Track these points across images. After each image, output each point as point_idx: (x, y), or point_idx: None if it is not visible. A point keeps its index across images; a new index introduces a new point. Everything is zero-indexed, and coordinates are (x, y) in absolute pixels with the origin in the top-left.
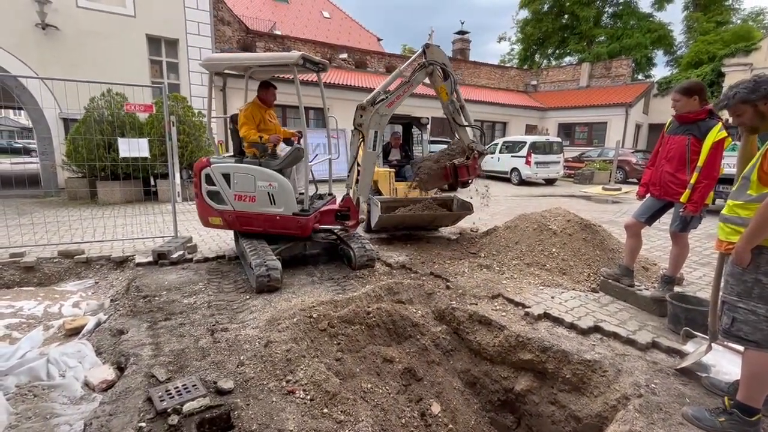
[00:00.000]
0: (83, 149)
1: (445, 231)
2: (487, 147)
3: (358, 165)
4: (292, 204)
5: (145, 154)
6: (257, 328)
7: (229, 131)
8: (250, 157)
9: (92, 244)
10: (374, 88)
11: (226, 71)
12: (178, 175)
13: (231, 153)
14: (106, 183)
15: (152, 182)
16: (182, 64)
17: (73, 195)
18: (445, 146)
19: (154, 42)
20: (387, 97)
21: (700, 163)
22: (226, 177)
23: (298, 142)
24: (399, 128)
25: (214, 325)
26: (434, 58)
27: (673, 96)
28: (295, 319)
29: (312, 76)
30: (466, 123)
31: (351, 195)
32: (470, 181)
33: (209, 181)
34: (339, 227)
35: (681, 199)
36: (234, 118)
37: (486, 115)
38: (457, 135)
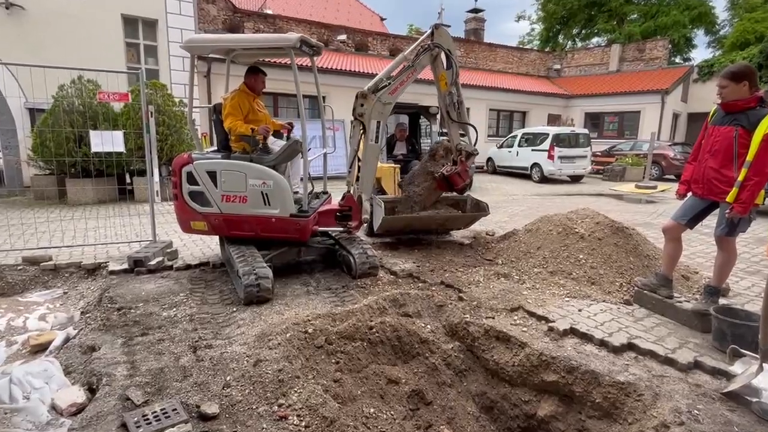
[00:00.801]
0: (51, 143)
1: (457, 235)
2: (476, 147)
3: (359, 160)
4: (290, 204)
5: (120, 148)
6: (245, 344)
7: (212, 122)
8: (238, 152)
9: (61, 250)
10: (376, 74)
11: (210, 55)
12: (156, 172)
13: (214, 147)
14: (76, 181)
15: (128, 180)
16: (161, 47)
17: (39, 194)
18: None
19: (130, 23)
20: (390, 84)
21: (749, 158)
22: (212, 175)
23: (288, 135)
24: (405, 119)
25: (196, 342)
26: (441, 41)
27: (719, 81)
28: (288, 335)
29: (304, 60)
30: (459, 120)
31: (352, 193)
32: (467, 185)
33: (191, 180)
34: (341, 229)
35: (727, 199)
36: (218, 108)
37: (503, 103)
38: (445, 131)
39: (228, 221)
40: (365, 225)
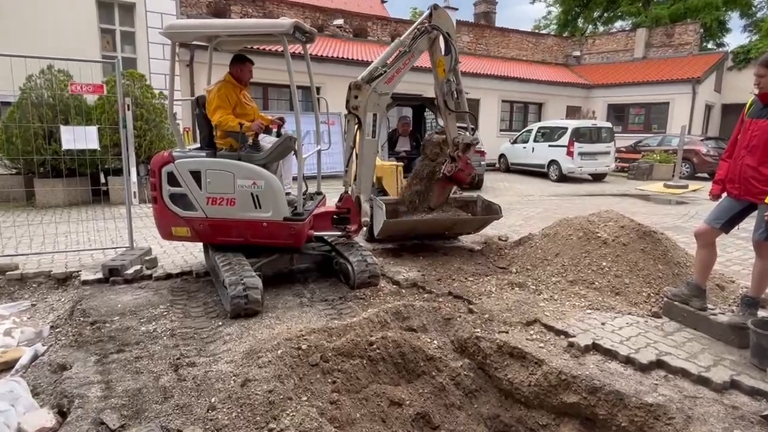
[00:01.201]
0: (18, 140)
1: (467, 240)
2: (476, 136)
3: (356, 157)
4: (283, 207)
5: (94, 145)
6: (232, 362)
7: (195, 117)
8: (225, 149)
9: (28, 258)
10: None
11: (194, 42)
12: (134, 171)
13: (197, 144)
14: (45, 181)
15: (103, 180)
16: (140, 33)
17: (5, 196)
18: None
19: (105, 7)
20: (385, 72)
21: None
22: (196, 175)
23: (279, 131)
24: (408, 112)
25: (178, 359)
26: (440, 23)
27: (756, 70)
28: (279, 352)
29: (296, 48)
30: (457, 110)
31: (350, 194)
32: (475, 177)
33: (172, 180)
34: (338, 234)
35: (766, 200)
36: (201, 101)
37: (516, 94)
38: (441, 123)
39: (214, 226)
40: (365, 229)
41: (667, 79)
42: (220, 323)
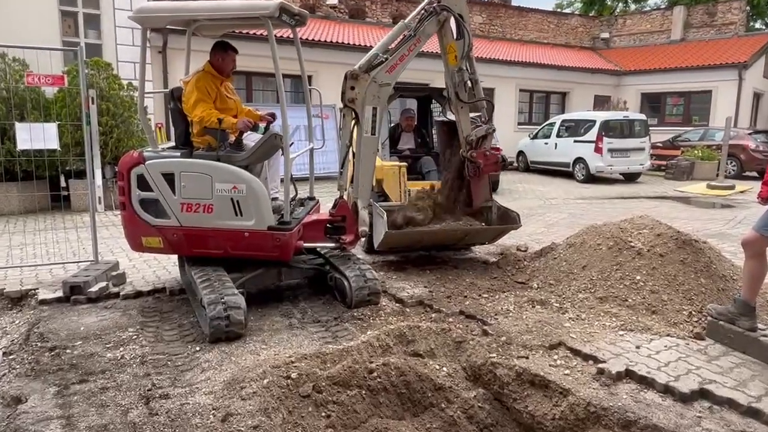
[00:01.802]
0: None
1: (481, 251)
2: (492, 125)
3: (353, 156)
4: (267, 214)
5: (54, 144)
6: (211, 393)
7: (169, 111)
8: (203, 148)
9: None
10: (373, 47)
11: (167, 26)
12: (99, 174)
13: (172, 143)
14: None
15: (63, 184)
16: (106, 16)
17: None
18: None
19: None
20: (387, 59)
21: None
22: (169, 178)
23: (267, 128)
24: (413, 104)
25: (149, 390)
26: (450, 3)
27: None
28: (265, 381)
29: (285, 32)
30: (470, 101)
31: (346, 198)
32: (506, 161)
33: (143, 184)
34: (332, 245)
35: None
36: (177, 94)
37: (536, 82)
38: (449, 118)
39: (189, 237)
40: (363, 240)
41: (709, 64)
42: (198, 348)
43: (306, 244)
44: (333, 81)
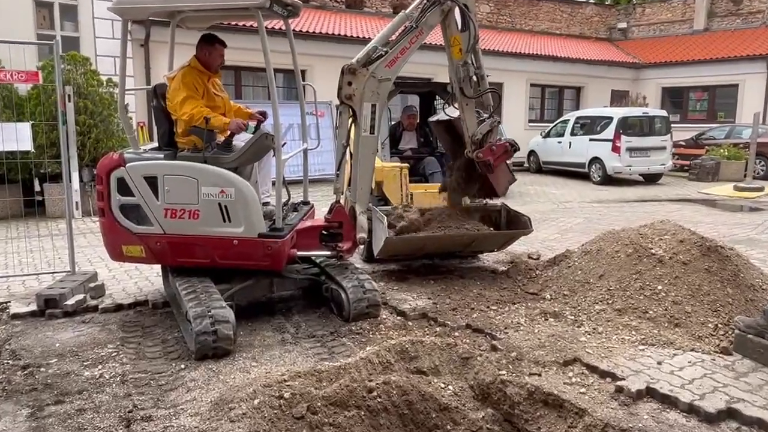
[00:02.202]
0: None
1: (489, 259)
2: (496, 118)
3: (351, 157)
4: (258, 220)
5: (27, 146)
6: (198, 415)
7: (152, 110)
8: (188, 149)
9: None
10: (372, 39)
11: (150, 18)
12: (76, 177)
13: (155, 144)
14: None
15: (37, 188)
16: (83, 7)
17: None
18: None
19: None
20: (387, 53)
21: None
22: (152, 182)
23: (257, 127)
24: (415, 100)
25: (130, 412)
26: None
27: None
28: (256, 401)
29: (276, 23)
30: (476, 95)
31: (342, 203)
32: (515, 146)
33: (123, 188)
34: (328, 253)
35: None
36: (160, 90)
37: (548, 77)
38: (452, 115)
39: (174, 245)
40: (361, 247)
41: (735, 56)
42: (183, 366)
43: (300, 253)
44: (329, 76)
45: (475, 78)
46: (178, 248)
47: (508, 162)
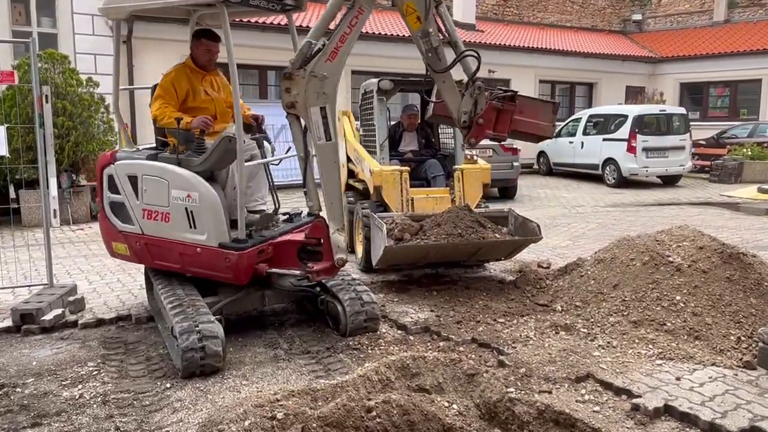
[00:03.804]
0: None
1: (496, 268)
2: (478, 83)
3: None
4: (219, 228)
5: (2, 150)
6: None
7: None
8: (169, 150)
9: None
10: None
11: (155, 16)
12: (54, 183)
13: (152, 144)
14: None
15: (12, 195)
16: (61, 2)
17: None
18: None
19: None
20: (325, 45)
21: None
22: (134, 181)
23: (260, 129)
24: (416, 99)
25: None
26: None
27: None
28: (246, 423)
29: (277, 18)
30: (445, 68)
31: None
32: (505, 96)
33: (112, 186)
34: (297, 273)
35: None
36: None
37: (559, 72)
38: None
39: (150, 246)
40: (358, 256)
41: (758, 49)
42: (169, 385)
43: (269, 269)
44: None
45: (439, 49)
46: (154, 250)
47: (515, 105)
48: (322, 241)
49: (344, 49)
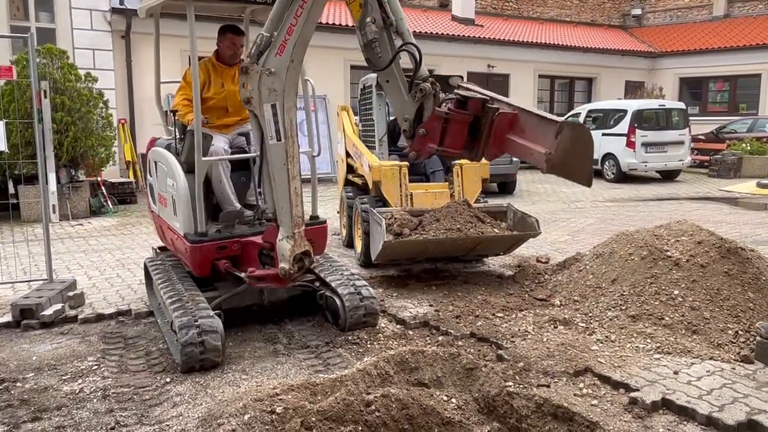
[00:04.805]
0: None
1: (495, 263)
2: (428, 85)
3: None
4: (187, 219)
5: (1, 146)
6: None
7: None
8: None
9: None
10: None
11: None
12: (53, 178)
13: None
14: None
15: (11, 190)
16: None
17: None
18: None
19: None
20: (274, 38)
21: None
22: (157, 165)
23: None
24: None
25: (113, 429)
26: None
27: None
28: (246, 417)
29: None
30: (383, 65)
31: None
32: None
33: (150, 168)
34: (242, 275)
35: None
36: None
37: (558, 67)
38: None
39: (161, 228)
40: (358, 251)
41: (758, 44)
42: (168, 380)
43: (228, 267)
44: (319, 67)
45: (384, 41)
46: (163, 232)
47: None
48: (272, 246)
49: (292, 42)
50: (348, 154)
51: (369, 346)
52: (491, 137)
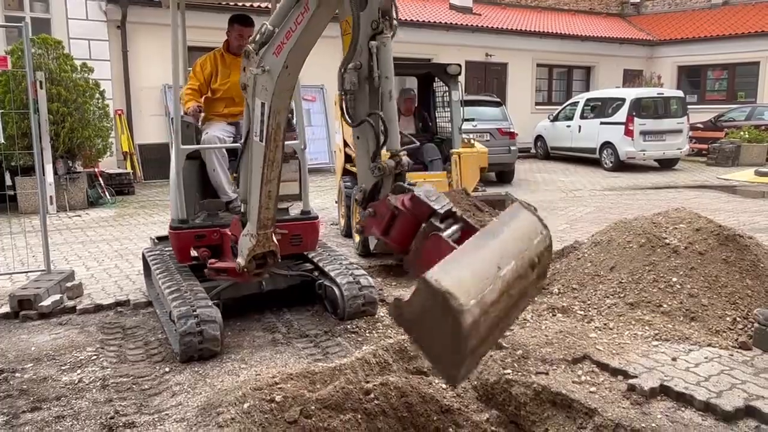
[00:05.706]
0: None
1: None
2: (389, 163)
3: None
4: (174, 205)
5: None
6: (183, 421)
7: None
8: None
9: None
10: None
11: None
12: (50, 170)
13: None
14: None
15: (8, 182)
16: None
17: None
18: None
19: None
20: (275, 34)
21: None
22: None
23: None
24: (413, 83)
25: (112, 418)
26: None
27: None
28: (245, 406)
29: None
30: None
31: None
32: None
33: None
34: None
35: None
36: None
37: (556, 56)
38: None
39: None
40: (356, 240)
41: (756, 32)
42: (167, 369)
43: (206, 256)
44: (317, 52)
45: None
46: None
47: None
48: (237, 240)
49: (289, 46)
50: (346, 144)
51: (368, 334)
52: (421, 256)
